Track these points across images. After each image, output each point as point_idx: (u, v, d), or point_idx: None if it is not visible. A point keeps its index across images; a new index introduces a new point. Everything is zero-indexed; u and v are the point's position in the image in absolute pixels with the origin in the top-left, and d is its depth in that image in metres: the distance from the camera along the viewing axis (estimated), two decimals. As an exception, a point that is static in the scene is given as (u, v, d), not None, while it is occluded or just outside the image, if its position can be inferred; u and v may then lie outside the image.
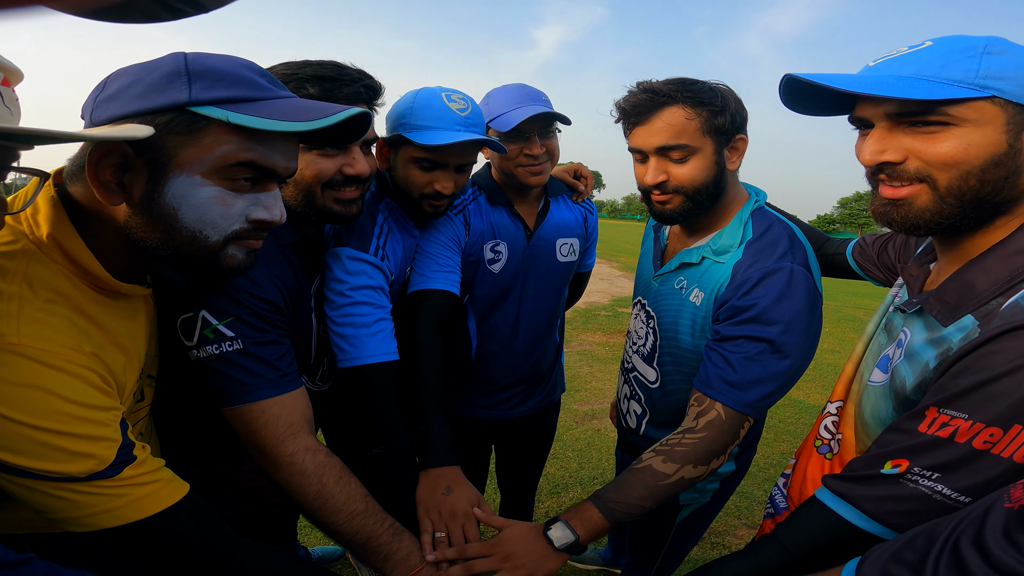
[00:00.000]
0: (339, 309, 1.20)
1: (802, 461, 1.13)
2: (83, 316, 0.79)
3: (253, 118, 0.76)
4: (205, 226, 0.79)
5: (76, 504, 0.73)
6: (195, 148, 0.76)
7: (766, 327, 1.10)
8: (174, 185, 0.76)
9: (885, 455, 0.83)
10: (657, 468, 1.10)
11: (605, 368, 5.21)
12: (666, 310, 1.34)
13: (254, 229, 0.85)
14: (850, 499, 0.85)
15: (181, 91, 0.74)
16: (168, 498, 0.80)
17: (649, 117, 1.17)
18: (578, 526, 1.09)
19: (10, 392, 0.67)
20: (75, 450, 0.71)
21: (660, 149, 1.18)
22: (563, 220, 1.70)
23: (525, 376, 1.77)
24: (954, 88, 0.77)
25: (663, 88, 1.16)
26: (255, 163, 0.80)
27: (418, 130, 1.27)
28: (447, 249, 1.48)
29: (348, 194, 1.15)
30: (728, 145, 1.19)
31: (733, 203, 1.27)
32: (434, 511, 1.16)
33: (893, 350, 0.95)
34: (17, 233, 0.76)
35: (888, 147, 0.84)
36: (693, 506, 1.49)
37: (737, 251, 1.20)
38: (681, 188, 1.19)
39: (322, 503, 1.01)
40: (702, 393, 1.14)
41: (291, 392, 1.04)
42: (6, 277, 0.72)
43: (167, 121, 0.74)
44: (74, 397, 0.72)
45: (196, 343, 0.98)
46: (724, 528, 2.78)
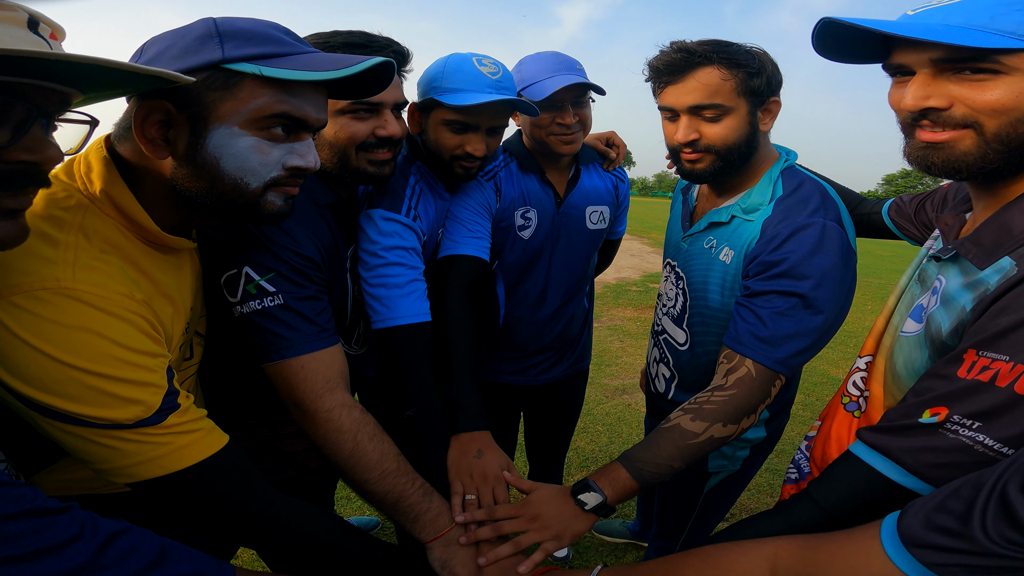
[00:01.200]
0: (372, 270, 1.22)
1: (827, 421, 1.10)
2: (134, 267, 0.82)
3: (283, 70, 0.80)
4: (245, 173, 0.83)
5: (121, 452, 0.75)
6: (232, 102, 0.80)
7: (797, 282, 1.07)
8: (215, 136, 0.81)
9: (923, 403, 0.79)
10: (686, 427, 1.08)
11: (636, 343, 5.16)
12: (696, 270, 1.33)
13: (291, 176, 0.88)
14: (886, 452, 0.82)
15: (215, 50, 0.78)
16: (209, 447, 0.82)
17: (683, 76, 1.16)
18: (606, 487, 1.08)
19: (63, 335, 0.69)
20: (123, 395, 0.73)
21: (693, 108, 1.16)
22: (593, 188, 1.69)
23: (553, 342, 1.77)
24: (1006, 39, 0.77)
25: (698, 48, 1.14)
26: (288, 114, 0.84)
27: (449, 93, 1.28)
28: (477, 215, 1.49)
29: (381, 155, 1.18)
30: (762, 107, 1.18)
31: (763, 163, 1.25)
32: (465, 474, 1.18)
33: (928, 298, 0.92)
34: (71, 189, 0.80)
35: (933, 93, 0.83)
36: (723, 474, 1.47)
37: (767, 208, 1.18)
38: (712, 147, 1.18)
39: (356, 460, 1.03)
40: (732, 350, 1.12)
41: (329, 348, 1.06)
42: (63, 228, 0.75)
43: (204, 79, 0.78)
44: (124, 341, 0.74)
45: (240, 299, 1.02)
46: (754, 504, 2.73)
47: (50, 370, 0.69)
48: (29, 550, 0.57)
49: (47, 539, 0.59)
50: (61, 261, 0.72)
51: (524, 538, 1.06)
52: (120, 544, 0.66)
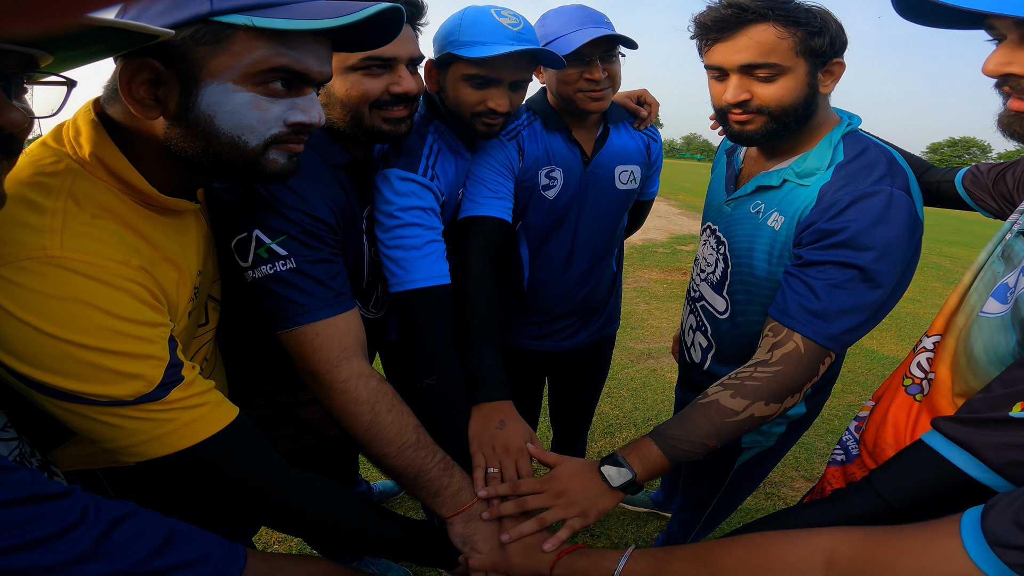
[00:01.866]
0: (389, 231, 1.17)
1: (883, 402, 1.03)
2: (132, 231, 0.78)
3: (278, 20, 0.74)
4: (243, 131, 0.78)
5: (125, 431, 0.71)
6: (224, 56, 0.74)
7: (857, 252, 0.99)
8: (207, 94, 0.75)
9: (1015, 395, 0.71)
10: (725, 403, 1.02)
11: (662, 306, 5.06)
12: (740, 235, 1.24)
13: (293, 132, 0.83)
14: (968, 446, 0.74)
15: (202, 3, 0.72)
16: (216, 423, 0.78)
17: (734, 33, 1.07)
18: (635, 463, 1.03)
19: (52, 307, 0.65)
20: (121, 370, 0.69)
21: (745, 67, 1.07)
22: (623, 147, 1.61)
23: (579, 306, 1.70)
24: None
25: (751, 4, 1.05)
26: (287, 68, 0.78)
27: (468, 46, 1.21)
28: (499, 175, 1.43)
29: (396, 113, 1.12)
30: (824, 68, 1.09)
31: (822, 126, 1.15)
32: (487, 446, 1.14)
33: (1016, 278, 0.84)
34: (60, 154, 0.75)
35: (1015, 60, 0.78)
36: (756, 449, 1.40)
37: (825, 173, 1.09)
38: (766, 108, 1.09)
39: (374, 433, 0.99)
40: (779, 323, 1.04)
41: (344, 313, 1.02)
42: (51, 194, 0.70)
43: (192, 33, 0.72)
44: (119, 312, 0.70)
45: (251, 263, 0.98)
46: (780, 479, 2.66)
47: (42, 345, 0.65)
48: (28, 539, 0.55)
49: (46, 526, 0.57)
50: (48, 228, 0.67)
51: (549, 514, 1.03)
52: (124, 529, 0.63)
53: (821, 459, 2.82)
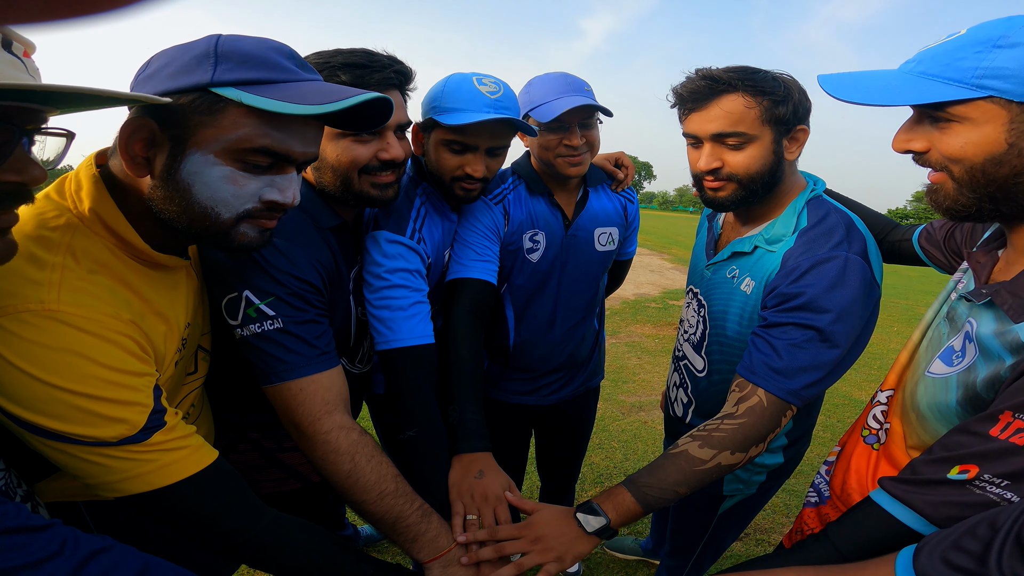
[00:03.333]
0: (377, 292, 1.22)
1: (847, 450, 1.11)
2: (124, 286, 0.82)
3: (266, 100, 0.77)
4: (216, 204, 0.81)
5: (107, 469, 0.76)
6: (213, 128, 0.78)
7: (816, 315, 1.07)
8: (189, 162, 0.79)
9: (953, 459, 0.79)
10: (693, 453, 1.08)
11: (654, 360, 5.15)
12: (717, 299, 1.33)
13: (267, 209, 0.86)
14: (909, 503, 0.82)
15: (206, 72, 0.77)
16: (196, 464, 0.82)
17: (707, 103, 1.15)
18: (610, 510, 1.08)
19: (48, 356, 0.70)
20: (108, 415, 0.74)
21: (716, 136, 1.16)
22: (602, 209, 1.68)
23: (563, 363, 1.76)
24: (951, 88, 0.80)
25: (723, 75, 1.13)
26: (268, 149, 0.81)
27: (447, 112, 1.27)
28: (485, 238, 1.48)
29: (384, 178, 1.17)
30: (788, 135, 1.17)
31: (789, 192, 1.23)
32: (466, 494, 1.18)
33: (959, 341, 0.91)
34: (62, 208, 0.80)
35: (914, 137, 0.87)
36: (737, 497, 1.47)
37: (790, 239, 1.17)
38: (734, 176, 1.17)
39: (353, 481, 1.03)
40: (744, 379, 1.12)
41: (328, 371, 1.07)
42: (51, 248, 0.75)
43: (191, 100, 0.77)
44: (108, 362, 0.75)
45: (240, 322, 1.02)
46: (770, 525, 2.71)
47: (35, 390, 0.70)
48: (7, 566, 0.59)
49: (26, 555, 0.61)
50: (47, 283, 0.72)
51: (526, 559, 1.06)
52: (101, 561, 0.67)
53: (808, 506, 2.87)
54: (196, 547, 0.90)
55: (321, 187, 1.17)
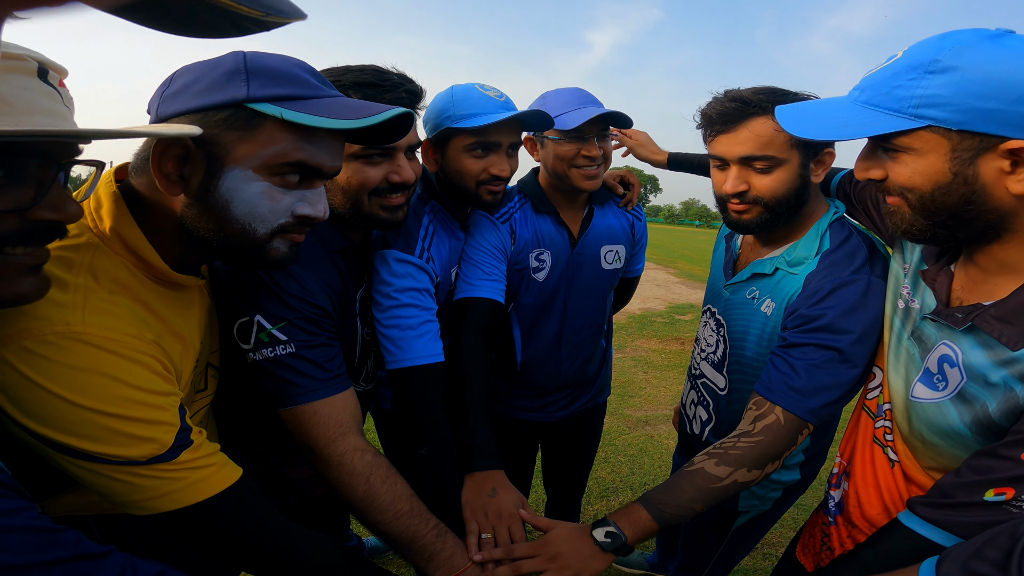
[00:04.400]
0: (386, 311, 1.23)
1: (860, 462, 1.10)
2: (143, 306, 0.82)
3: (306, 115, 0.80)
4: (254, 219, 0.83)
5: (137, 487, 0.76)
6: (251, 144, 0.79)
7: (836, 336, 1.08)
8: (228, 179, 0.80)
9: (987, 482, 0.79)
10: (710, 471, 1.09)
11: (660, 375, 5.16)
12: (736, 319, 1.34)
13: (298, 224, 0.88)
14: (947, 526, 0.83)
15: (240, 87, 0.78)
16: (222, 481, 0.83)
17: (736, 126, 1.15)
18: (626, 527, 1.09)
19: (76, 378, 0.71)
20: (137, 434, 0.75)
21: (744, 159, 1.16)
22: (608, 227, 1.68)
23: (570, 381, 1.76)
24: (893, 119, 0.79)
25: (752, 97, 1.13)
26: (304, 163, 0.83)
27: (466, 118, 1.29)
28: (492, 257, 1.50)
29: (394, 200, 1.17)
30: (815, 158, 1.17)
31: (812, 215, 1.24)
32: (480, 512, 1.19)
33: (934, 363, 0.91)
34: (81, 227, 0.80)
35: (871, 166, 0.88)
36: (752, 513, 1.47)
37: (812, 262, 1.18)
38: (760, 199, 1.18)
39: (369, 502, 1.04)
40: (762, 397, 1.13)
41: (341, 393, 1.08)
42: (72, 269, 0.75)
43: (227, 116, 0.78)
44: (136, 383, 0.75)
45: (252, 346, 1.03)
46: (778, 539, 2.71)
47: (64, 411, 0.71)
48: None
49: None
50: (70, 305, 0.72)
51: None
52: None
53: (818, 520, 2.88)
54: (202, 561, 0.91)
55: (331, 208, 1.16)
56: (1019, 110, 0.71)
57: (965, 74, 0.73)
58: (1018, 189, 0.75)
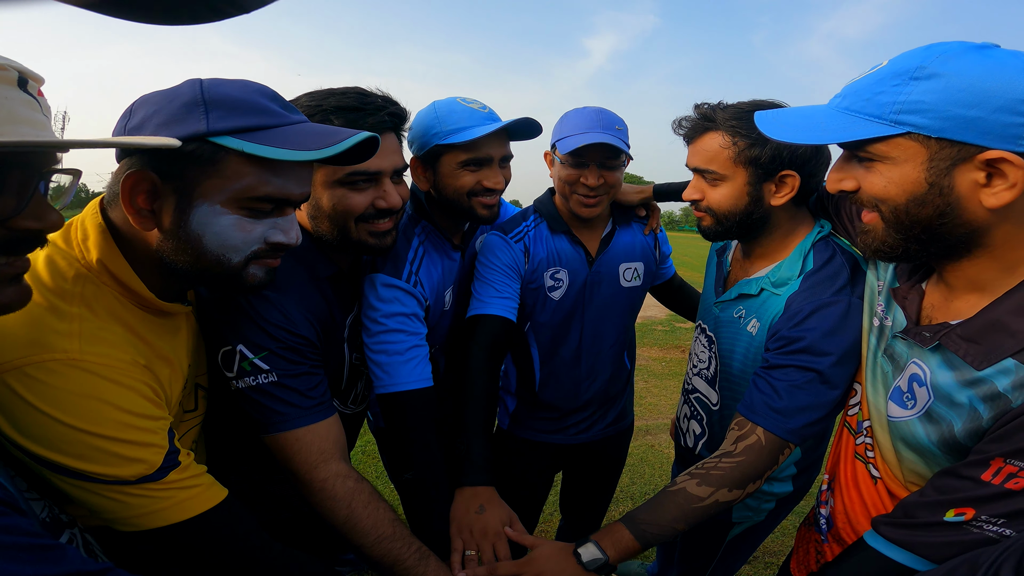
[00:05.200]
0: (374, 336, 1.25)
1: (844, 479, 1.11)
2: (133, 333, 0.86)
3: (268, 148, 0.81)
4: (227, 250, 0.86)
5: (125, 505, 0.80)
6: (217, 179, 0.82)
7: (816, 357, 1.09)
8: (198, 213, 0.82)
9: (948, 503, 0.80)
10: (691, 491, 1.10)
11: (661, 383, 5.16)
12: (725, 337, 1.35)
13: (271, 251, 0.91)
14: (910, 546, 0.84)
15: (199, 121, 0.79)
16: (208, 501, 0.87)
17: (694, 139, 1.22)
18: (608, 547, 1.11)
19: (73, 402, 0.75)
20: (127, 455, 0.79)
21: (697, 170, 1.23)
22: (628, 244, 1.65)
23: (590, 402, 1.72)
24: (871, 125, 0.77)
25: (711, 113, 1.18)
26: (271, 196, 0.86)
27: (454, 133, 1.28)
28: (505, 276, 1.49)
29: (381, 226, 1.17)
30: (772, 179, 1.17)
31: (793, 234, 1.24)
32: (466, 529, 1.20)
33: (905, 382, 0.92)
34: (70, 259, 0.83)
35: (844, 176, 0.86)
36: (746, 524, 1.49)
37: (795, 282, 1.19)
38: (710, 209, 1.24)
39: (351, 526, 1.05)
40: (744, 417, 1.14)
41: (323, 420, 1.09)
42: (67, 299, 0.79)
43: (190, 152, 0.79)
44: (128, 407, 0.79)
45: (235, 374, 1.05)
46: (778, 547, 2.72)
47: (59, 433, 0.75)
48: None
49: None
50: (67, 333, 0.77)
51: None
52: None
53: (818, 530, 2.88)
54: None
55: (319, 235, 1.17)
56: (1000, 119, 0.70)
57: (950, 81, 0.72)
58: (992, 203, 0.74)
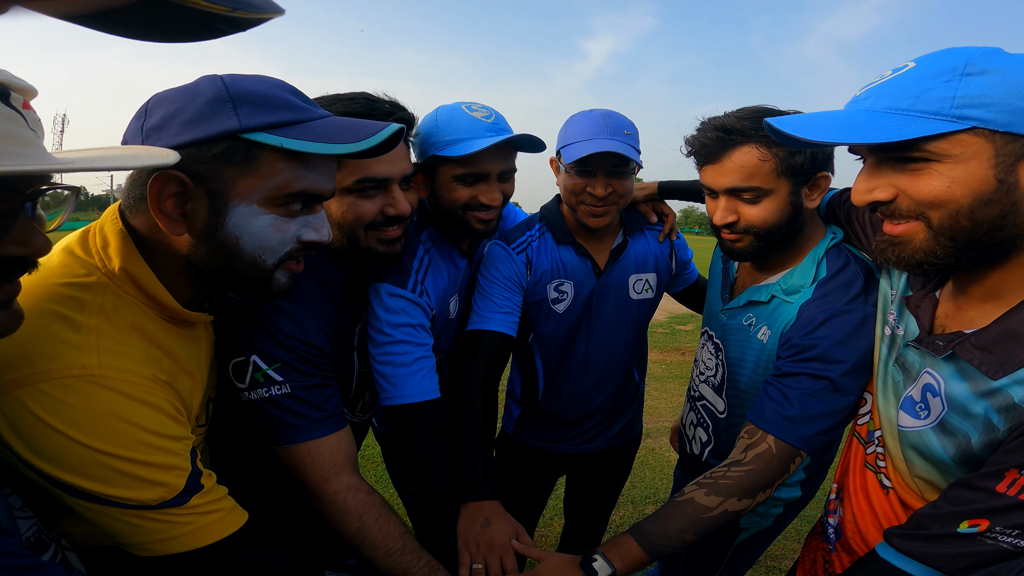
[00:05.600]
0: (380, 347, 1.23)
1: (853, 488, 1.09)
2: (155, 345, 0.82)
3: (307, 143, 0.78)
4: (263, 252, 0.83)
5: (144, 530, 0.76)
6: (252, 178, 0.78)
7: (829, 366, 1.07)
8: (235, 215, 0.79)
9: (961, 514, 0.79)
10: (700, 501, 1.09)
11: (661, 386, 5.15)
12: (733, 345, 1.33)
13: (303, 249, 0.88)
14: (922, 558, 0.82)
15: (230, 118, 0.75)
16: (229, 526, 0.83)
17: (719, 157, 1.12)
18: (616, 559, 1.09)
19: (91, 421, 0.70)
20: (148, 478, 0.74)
21: (730, 190, 1.13)
22: (640, 254, 1.58)
23: (595, 413, 1.67)
24: (928, 122, 0.71)
25: (735, 125, 1.09)
26: (306, 192, 0.83)
27: (450, 145, 1.24)
28: (506, 290, 1.46)
29: (391, 234, 1.15)
30: (809, 183, 1.13)
31: (808, 241, 1.21)
32: (472, 543, 1.19)
33: (918, 392, 0.90)
34: (90, 266, 0.78)
35: (877, 185, 0.80)
36: (753, 529, 1.47)
37: (808, 290, 1.16)
38: (751, 228, 1.15)
39: (361, 539, 1.05)
40: (755, 426, 1.12)
41: (336, 433, 1.08)
42: (84, 310, 0.74)
43: (223, 151, 0.76)
44: (151, 426, 0.75)
45: (248, 386, 1.03)
46: (781, 552, 2.71)
47: (78, 454, 0.70)
48: None
49: None
50: (85, 347, 0.72)
51: None
52: None
53: (824, 531, 2.87)
54: None
55: (328, 244, 1.14)
56: None
57: (1007, 76, 0.69)
58: None
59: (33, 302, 0.71)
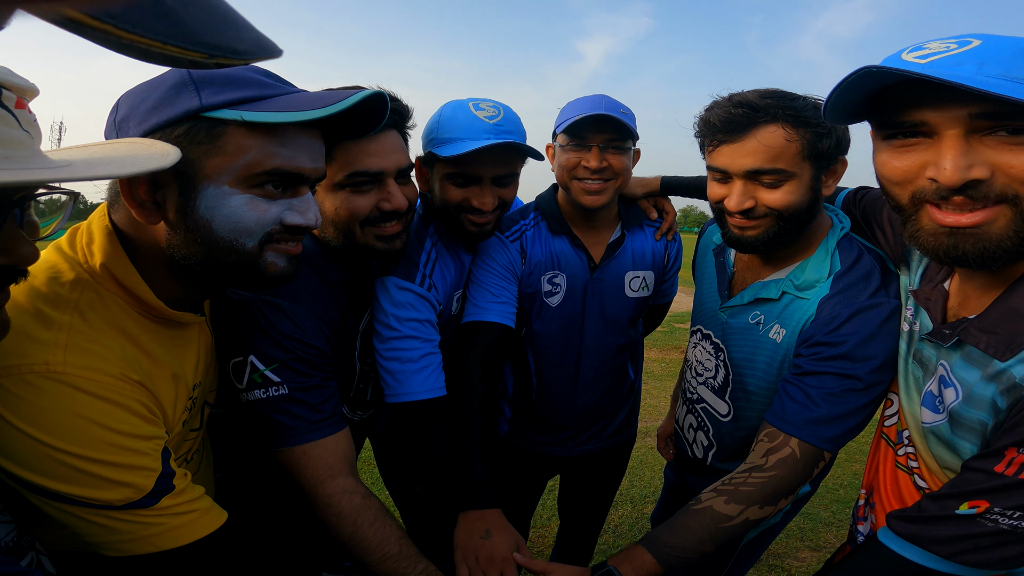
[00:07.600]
0: (386, 342, 1.19)
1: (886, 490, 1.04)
2: (134, 345, 0.79)
3: (267, 113, 0.75)
4: (240, 234, 0.78)
5: (110, 530, 0.74)
6: (219, 157, 0.75)
7: (855, 364, 1.01)
8: (204, 198, 0.76)
9: (961, 495, 0.77)
10: (719, 509, 1.03)
11: (660, 385, 5.11)
12: (739, 345, 1.25)
13: (288, 232, 0.83)
14: (919, 541, 0.80)
15: (191, 98, 0.73)
16: (203, 528, 0.81)
17: (742, 136, 1.03)
18: (628, 572, 1.02)
19: (52, 419, 0.69)
20: (112, 478, 0.72)
21: (751, 172, 1.04)
22: (638, 251, 1.53)
23: (588, 414, 1.61)
24: None
25: (761, 103, 1.01)
26: (280, 169, 0.78)
27: (444, 144, 1.21)
28: (501, 279, 1.41)
29: (389, 229, 1.12)
30: (828, 168, 1.08)
31: (817, 231, 1.14)
32: (471, 556, 1.13)
33: (935, 386, 0.87)
34: (72, 263, 0.77)
35: (975, 161, 0.68)
36: (762, 527, 1.39)
37: (824, 284, 1.10)
38: (773, 211, 1.06)
39: (356, 543, 1.03)
40: (776, 428, 1.06)
41: (332, 435, 1.06)
42: (59, 306, 0.73)
43: (185, 131, 0.73)
44: (114, 425, 0.73)
45: (245, 386, 1.02)
46: (784, 550, 2.66)
47: (38, 453, 0.68)
48: None
49: None
50: (52, 343, 0.70)
51: None
52: None
53: (826, 528, 2.83)
54: None
55: (326, 241, 1.12)
56: None
57: None
58: None
59: (15, 299, 0.69)
